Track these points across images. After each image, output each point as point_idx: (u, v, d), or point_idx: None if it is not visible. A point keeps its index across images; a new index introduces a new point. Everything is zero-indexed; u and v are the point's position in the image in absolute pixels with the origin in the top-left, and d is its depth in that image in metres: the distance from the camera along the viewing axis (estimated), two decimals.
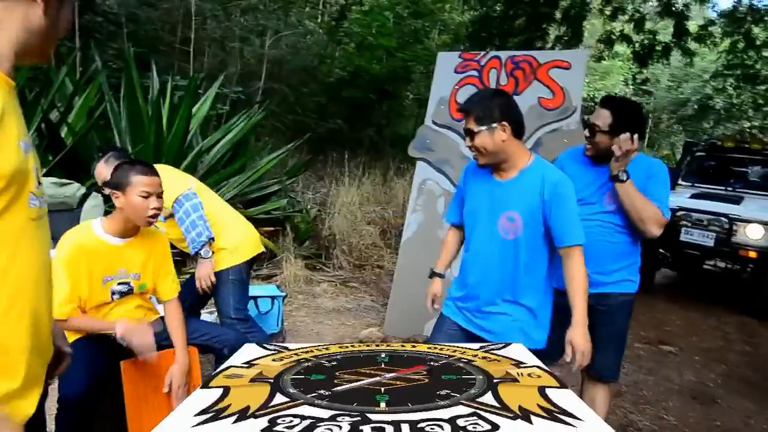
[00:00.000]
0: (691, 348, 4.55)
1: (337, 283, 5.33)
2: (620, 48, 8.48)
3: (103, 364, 1.78)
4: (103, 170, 2.33)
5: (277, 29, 8.85)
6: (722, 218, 5.59)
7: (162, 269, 2.03)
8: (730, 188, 6.50)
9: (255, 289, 3.76)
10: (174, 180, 2.40)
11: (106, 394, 1.77)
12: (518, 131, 1.96)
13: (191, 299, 2.62)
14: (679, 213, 5.82)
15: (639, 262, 2.33)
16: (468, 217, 2.08)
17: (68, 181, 3.22)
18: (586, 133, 2.26)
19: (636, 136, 2.11)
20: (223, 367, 1.40)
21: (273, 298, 3.62)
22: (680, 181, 6.91)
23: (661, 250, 6.06)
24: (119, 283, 1.92)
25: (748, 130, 18.08)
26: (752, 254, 5.42)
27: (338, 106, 8.97)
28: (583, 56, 4.03)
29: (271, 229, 5.44)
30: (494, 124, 1.89)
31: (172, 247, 2.31)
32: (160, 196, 1.93)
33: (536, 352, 2.13)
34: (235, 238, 2.69)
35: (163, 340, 1.96)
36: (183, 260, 4.87)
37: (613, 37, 8.21)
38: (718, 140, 7.17)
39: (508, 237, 1.94)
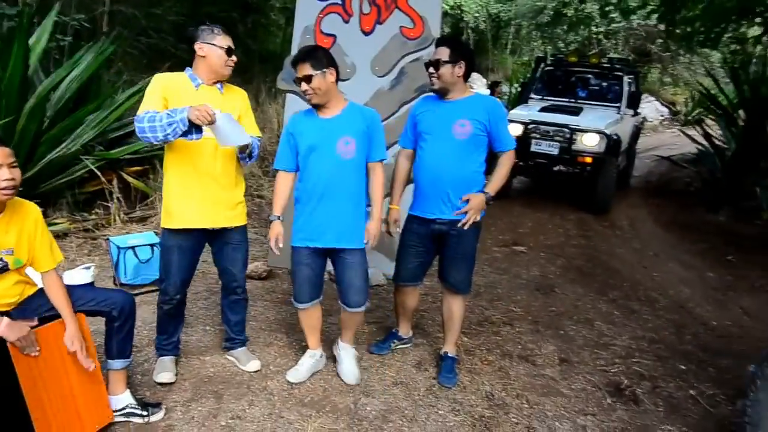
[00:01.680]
0: (538, 246, 5.32)
1: None
2: None
3: None
4: None
5: None
6: (564, 129, 6.34)
7: (36, 241, 1.99)
8: (573, 100, 7.29)
9: (132, 237, 3.71)
10: None
11: None
12: (339, 77, 2.49)
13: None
14: (530, 126, 6.47)
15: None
16: (305, 152, 2.48)
17: None
18: (431, 69, 2.57)
19: (464, 63, 2.56)
20: None
21: (152, 245, 3.61)
22: (531, 95, 7.58)
23: (516, 160, 6.75)
24: None
25: (594, 36, 19.70)
26: (588, 160, 6.27)
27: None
28: None
29: (140, 168, 5.21)
30: (325, 69, 2.41)
31: None
32: (12, 166, 1.83)
33: (399, 276, 2.58)
34: None
35: (46, 311, 1.98)
36: (44, 211, 4.57)
37: None
38: (563, 55, 7.86)
39: (346, 158, 2.46)
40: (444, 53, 2.53)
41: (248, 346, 2.90)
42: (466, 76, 2.60)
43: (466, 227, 2.58)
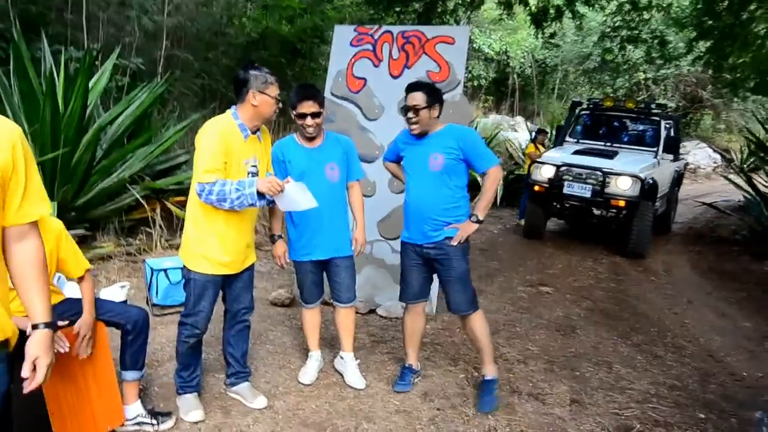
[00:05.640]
0: (565, 288, 5.25)
1: None
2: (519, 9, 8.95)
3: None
4: None
5: None
6: (597, 172, 6.32)
7: (60, 252, 2.19)
8: (608, 144, 7.27)
9: (165, 260, 3.95)
10: None
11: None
12: None
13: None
14: (562, 168, 6.49)
15: (468, 212, 2.86)
16: (297, 178, 2.62)
17: None
18: (410, 115, 2.76)
19: (438, 105, 2.80)
20: None
21: (182, 268, 3.83)
22: (567, 138, 7.60)
23: (552, 202, 6.77)
24: None
25: (643, 82, 19.51)
26: (621, 203, 6.20)
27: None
28: (465, 32, 4.37)
29: (182, 198, 5.55)
30: (323, 107, 2.78)
31: None
32: None
33: (405, 295, 2.98)
34: None
35: (70, 317, 2.18)
36: (85, 237, 4.92)
37: (512, 0, 8.66)
38: (599, 100, 7.88)
39: (333, 181, 2.83)
40: (421, 99, 2.72)
41: (261, 367, 3.00)
42: (439, 114, 2.83)
43: (454, 243, 2.75)
